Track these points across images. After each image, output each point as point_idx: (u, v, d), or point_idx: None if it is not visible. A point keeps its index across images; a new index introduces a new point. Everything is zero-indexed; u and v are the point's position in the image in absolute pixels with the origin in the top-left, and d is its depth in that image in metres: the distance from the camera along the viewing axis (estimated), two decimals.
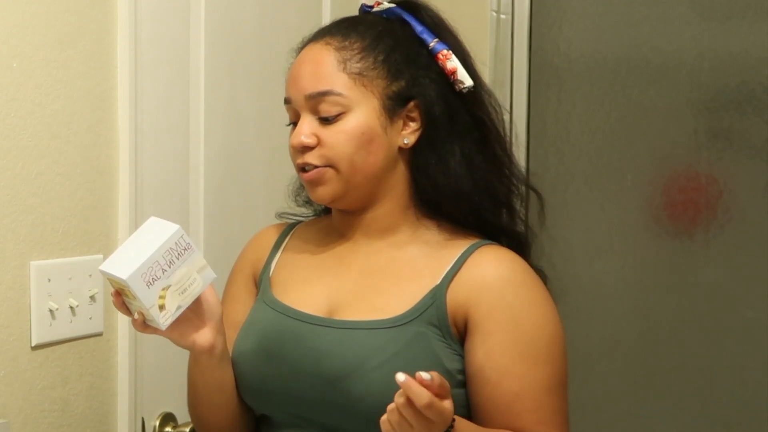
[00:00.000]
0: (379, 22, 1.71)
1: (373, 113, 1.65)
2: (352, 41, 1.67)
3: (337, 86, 1.64)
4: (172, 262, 1.53)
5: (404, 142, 1.67)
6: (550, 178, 2.75)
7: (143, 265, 1.51)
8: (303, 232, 1.79)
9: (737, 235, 2.63)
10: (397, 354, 1.58)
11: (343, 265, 1.70)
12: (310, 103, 1.65)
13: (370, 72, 1.65)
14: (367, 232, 1.71)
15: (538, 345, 1.61)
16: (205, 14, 2.11)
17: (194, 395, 1.71)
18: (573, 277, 2.74)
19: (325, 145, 1.64)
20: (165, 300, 1.52)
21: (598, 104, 2.73)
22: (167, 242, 1.53)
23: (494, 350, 1.59)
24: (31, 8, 1.78)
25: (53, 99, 1.82)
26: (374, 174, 1.66)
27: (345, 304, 1.65)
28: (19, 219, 1.77)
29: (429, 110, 1.67)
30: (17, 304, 1.77)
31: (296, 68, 1.69)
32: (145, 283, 1.50)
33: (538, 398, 1.59)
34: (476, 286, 1.62)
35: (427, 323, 1.60)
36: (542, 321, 1.63)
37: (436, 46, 1.69)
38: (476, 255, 1.65)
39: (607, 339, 2.74)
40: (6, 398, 1.76)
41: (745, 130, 2.62)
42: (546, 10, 2.74)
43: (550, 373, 1.61)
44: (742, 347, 2.64)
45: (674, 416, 2.69)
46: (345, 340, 1.54)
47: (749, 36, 2.60)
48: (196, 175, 2.11)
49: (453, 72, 1.69)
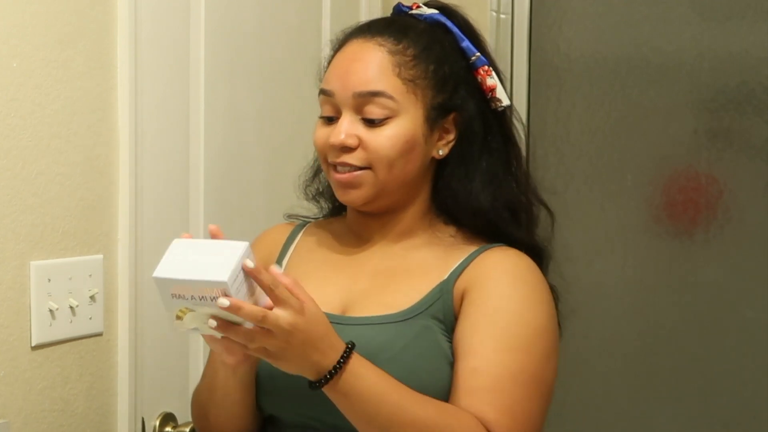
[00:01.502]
0: (427, 30, 1.69)
1: (417, 122, 1.64)
2: (405, 46, 1.65)
3: (389, 89, 1.63)
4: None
5: (439, 153, 1.68)
6: (550, 178, 2.75)
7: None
8: (315, 233, 1.78)
9: (737, 235, 2.63)
10: (405, 347, 1.58)
11: (357, 266, 1.70)
12: (356, 102, 1.63)
13: (421, 81, 1.65)
14: (384, 234, 1.71)
15: (516, 333, 1.57)
16: (205, 14, 2.11)
17: (209, 396, 1.68)
18: (573, 277, 2.73)
19: (368, 147, 1.63)
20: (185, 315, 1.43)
21: (598, 104, 2.73)
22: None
23: (469, 329, 1.58)
24: (31, 8, 1.78)
25: (53, 99, 1.82)
26: (407, 182, 1.67)
27: (356, 302, 1.65)
28: (19, 219, 1.77)
29: (468, 125, 1.68)
30: (17, 304, 1.77)
31: (344, 63, 1.66)
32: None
33: (498, 382, 1.54)
34: (477, 274, 1.62)
35: (433, 317, 1.61)
36: (529, 313, 1.60)
37: (477, 61, 1.70)
38: (486, 253, 1.66)
39: (607, 339, 2.74)
40: (6, 398, 1.76)
41: (745, 130, 2.62)
42: (546, 10, 2.74)
43: (522, 363, 1.56)
44: (742, 347, 2.64)
45: (674, 416, 2.69)
46: (356, 336, 1.54)
47: (749, 36, 2.60)
48: (196, 175, 2.11)
49: (492, 89, 1.70)
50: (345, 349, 1.46)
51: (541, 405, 1.59)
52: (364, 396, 1.47)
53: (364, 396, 1.47)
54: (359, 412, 1.49)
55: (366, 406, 1.48)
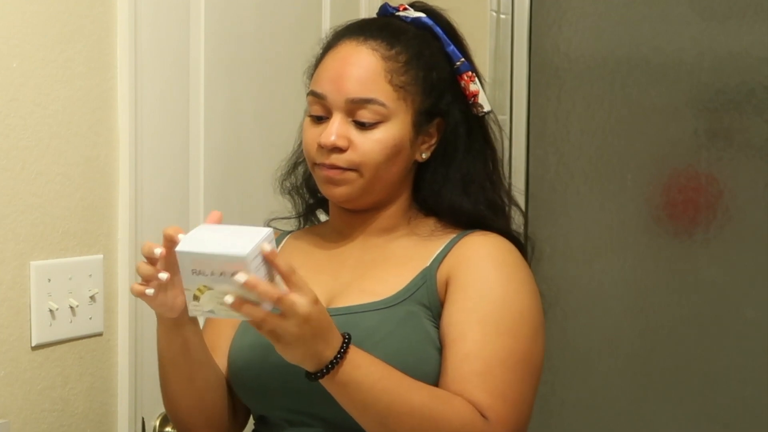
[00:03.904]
0: (417, 35, 1.71)
1: (406, 126, 1.66)
2: (398, 52, 1.67)
3: (382, 96, 1.64)
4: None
5: (422, 156, 1.70)
6: (550, 178, 2.75)
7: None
8: (297, 239, 1.81)
9: (737, 235, 2.64)
10: (391, 333, 1.59)
11: (339, 261, 1.72)
12: (349, 106, 1.65)
13: (411, 87, 1.66)
14: (366, 231, 1.73)
15: (502, 317, 1.59)
16: (205, 14, 2.11)
17: (164, 372, 1.66)
18: (573, 277, 2.75)
19: (357, 150, 1.64)
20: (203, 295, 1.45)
21: (598, 104, 2.73)
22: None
23: (457, 314, 1.60)
24: (31, 8, 1.77)
25: (53, 99, 1.82)
26: (392, 183, 1.69)
27: (340, 294, 1.66)
28: (19, 219, 1.77)
29: (452, 130, 1.70)
30: (17, 304, 1.77)
31: (338, 67, 1.67)
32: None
33: (489, 366, 1.56)
34: (459, 259, 1.64)
35: (418, 303, 1.62)
36: (514, 296, 1.62)
37: (462, 67, 1.72)
38: (466, 238, 1.68)
39: (607, 339, 2.74)
40: (6, 398, 1.76)
41: (745, 130, 2.62)
42: (546, 10, 2.74)
43: (510, 347, 1.58)
44: (742, 347, 2.64)
45: (674, 416, 2.69)
46: (341, 325, 1.55)
47: (749, 36, 2.60)
48: (196, 175, 2.11)
49: (474, 95, 1.72)
50: (343, 341, 1.47)
51: (531, 386, 1.61)
52: (362, 386, 1.48)
53: (363, 386, 1.48)
54: (356, 401, 1.49)
55: (363, 395, 1.49)
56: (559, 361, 2.67)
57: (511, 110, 2.73)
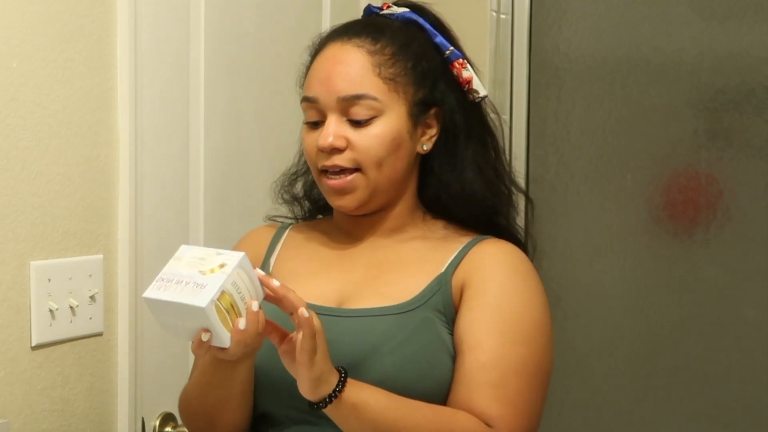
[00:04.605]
0: (402, 28, 1.71)
1: (401, 119, 1.66)
2: (383, 45, 1.67)
3: (372, 90, 1.64)
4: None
5: (423, 148, 1.70)
6: (550, 178, 2.75)
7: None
8: (301, 231, 1.80)
9: (737, 235, 2.63)
10: (406, 339, 1.59)
11: (349, 260, 1.71)
12: (341, 105, 1.65)
13: (401, 78, 1.66)
14: (374, 231, 1.73)
15: (519, 325, 1.60)
16: (205, 14, 2.11)
17: (204, 399, 1.66)
18: (573, 277, 2.75)
19: (356, 148, 1.64)
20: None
21: (598, 104, 2.73)
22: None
23: (474, 322, 1.60)
24: (31, 8, 1.78)
25: (53, 99, 1.82)
26: (397, 179, 1.68)
27: (353, 295, 1.66)
28: (19, 219, 1.77)
29: (450, 118, 1.70)
30: (17, 304, 1.77)
31: (326, 67, 1.67)
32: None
33: (504, 376, 1.57)
34: (475, 266, 1.64)
35: (434, 309, 1.62)
36: (529, 305, 1.63)
37: (452, 55, 1.72)
38: (480, 245, 1.68)
39: (607, 339, 2.74)
40: (6, 398, 1.76)
41: (745, 130, 2.62)
42: (546, 10, 2.74)
43: (525, 356, 1.59)
44: (742, 347, 2.64)
45: (674, 416, 2.69)
46: (356, 328, 1.55)
47: (749, 36, 2.60)
48: (196, 175, 2.11)
49: (468, 81, 1.72)
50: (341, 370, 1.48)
51: (541, 395, 1.62)
52: (369, 406, 1.49)
53: (369, 406, 1.49)
54: (365, 421, 1.50)
55: (370, 415, 1.50)
56: (559, 361, 2.65)
57: (511, 110, 2.73)
